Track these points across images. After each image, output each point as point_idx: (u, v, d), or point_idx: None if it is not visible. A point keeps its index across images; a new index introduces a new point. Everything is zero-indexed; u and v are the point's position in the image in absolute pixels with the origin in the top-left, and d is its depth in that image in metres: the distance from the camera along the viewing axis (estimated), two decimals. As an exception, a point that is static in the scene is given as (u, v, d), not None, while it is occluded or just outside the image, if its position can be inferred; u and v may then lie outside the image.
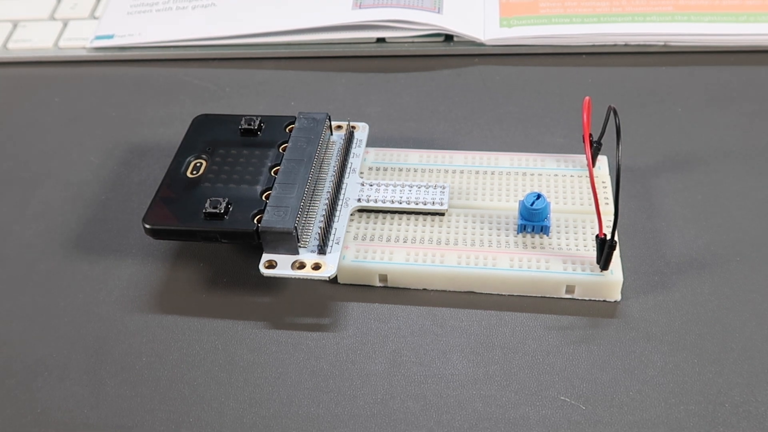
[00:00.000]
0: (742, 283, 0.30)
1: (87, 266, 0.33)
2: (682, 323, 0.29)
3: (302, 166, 0.32)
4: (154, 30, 0.45)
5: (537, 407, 0.27)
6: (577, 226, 0.31)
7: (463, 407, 0.27)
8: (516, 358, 0.28)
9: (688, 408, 0.26)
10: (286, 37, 0.44)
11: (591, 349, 0.28)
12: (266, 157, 0.33)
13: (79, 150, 0.39)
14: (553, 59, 0.42)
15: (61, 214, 0.35)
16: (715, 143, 0.36)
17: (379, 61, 0.43)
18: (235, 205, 0.31)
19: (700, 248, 0.31)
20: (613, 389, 0.27)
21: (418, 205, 0.32)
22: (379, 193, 0.32)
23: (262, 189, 0.31)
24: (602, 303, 0.30)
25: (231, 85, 0.43)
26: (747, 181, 0.34)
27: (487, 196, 0.33)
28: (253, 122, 0.34)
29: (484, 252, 0.30)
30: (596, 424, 0.26)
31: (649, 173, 0.35)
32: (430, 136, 0.38)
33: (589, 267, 0.29)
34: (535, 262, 0.30)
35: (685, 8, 0.43)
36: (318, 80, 0.43)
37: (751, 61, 0.41)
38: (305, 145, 0.33)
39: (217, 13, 0.45)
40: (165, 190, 0.32)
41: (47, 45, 0.46)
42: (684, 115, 0.38)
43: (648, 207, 0.33)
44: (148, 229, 0.30)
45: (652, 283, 0.30)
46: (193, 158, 0.33)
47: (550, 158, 0.34)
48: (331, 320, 0.30)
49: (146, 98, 0.42)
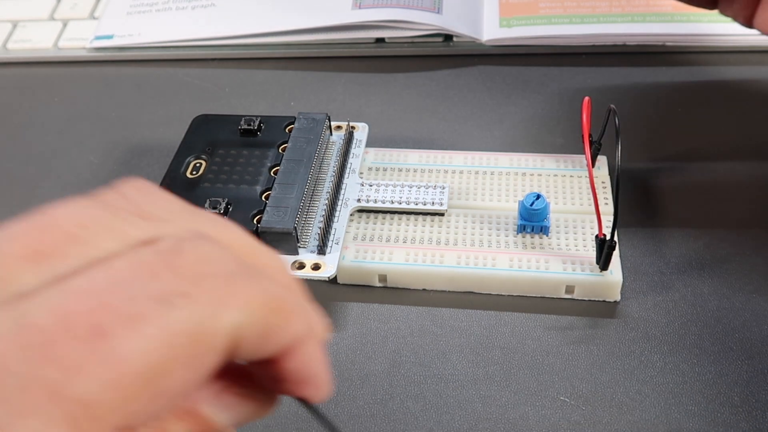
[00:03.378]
0: (742, 283, 0.30)
1: (87, 266, 0.33)
2: (681, 323, 0.29)
3: (302, 167, 0.32)
4: (154, 30, 0.45)
5: (537, 407, 0.27)
6: (577, 227, 0.31)
7: (462, 407, 0.27)
8: (515, 359, 0.28)
9: (687, 408, 0.26)
10: (286, 38, 0.44)
11: (590, 349, 0.28)
12: (266, 158, 0.33)
13: (78, 150, 0.39)
14: (553, 59, 0.42)
15: (60, 214, 0.35)
16: (715, 143, 0.36)
17: (379, 61, 0.43)
18: (234, 205, 0.31)
19: (700, 248, 0.31)
20: (613, 389, 0.27)
21: (417, 205, 0.32)
22: (378, 194, 0.32)
23: (261, 189, 0.31)
24: (602, 303, 0.30)
25: (231, 86, 0.43)
26: (747, 181, 0.34)
27: (487, 196, 0.33)
28: (252, 122, 0.34)
29: (484, 252, 0.30)
30: (596, 425, 0.26)
31: (649, 173, 0.35)
32: (429, 137, 0.38)
33: (588, 267, 0.29)
34: (534, 262, 0.30)
35: (685, 9, 0.43)
36: (318, 80, 0.43)
37: (751, 61, 0.41)
38: (305, 146, 0.33)
39: (216, 13, 0.45)
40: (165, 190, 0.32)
41: (47, 45, 0.46)
42: (684, 115, 0.38)
43: (648, 207, 0.33)
44: None
45: (652, 284, 0.30)
46: (192, 158, 0.33)
47: (549, 158, 0.34)
48: (331, 321, 0.30)
49: (146, 98, 0.42)
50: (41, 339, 0.13)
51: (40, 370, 0.13)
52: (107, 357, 0.14)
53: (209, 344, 0.15)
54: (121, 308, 0.14)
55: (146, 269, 0.15)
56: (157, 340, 0.14)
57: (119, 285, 0.14)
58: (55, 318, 0.14)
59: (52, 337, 0.13)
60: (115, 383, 0.14)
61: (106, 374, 0.13)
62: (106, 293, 0.14)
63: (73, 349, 0.13)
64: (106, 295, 0.14)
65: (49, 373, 0.13)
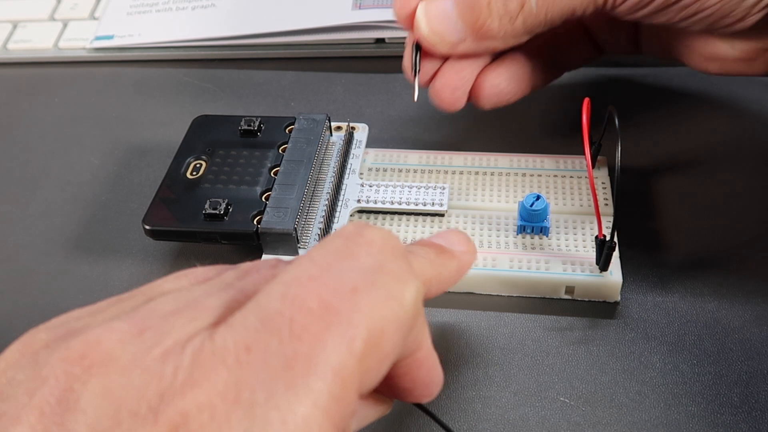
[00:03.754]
0: (741, 283, 0.30)
1: (87, 267, 0.33)
2: (681, 324, 0.29)
3: (302, 167, 0.32)
4: (154, 30, 0.45)
5: (536, 408, 0.27)
6: (577, 227, 0.31)
7: (462, 408, 0.27)
8: (515, 359, 0.28)
9: (687, 409, 0.26)
10: (286, 38, 0.44)
11: (590, 350, 0.28)
12: (266, 158, 0.33)
13: (79, 150, 0.39)
14: (553, 60, 0.42)
15: (61, 214, 0.35)
16: (715, 143, 0.36)
17: (379, 61, 0.43)
18: (234, 206, 0.31)
19: (700, 248, 0.31)
20: (613, 390, 0.27)
21: (417, 206, 0.32)
22: (378, 194, 0.32)
23: (261, 190, 0.31)
24: (602, 304, 0.30)
25: (231, 86, 0.43)
26: (747, 180, 0.34)
27: (486, 196, 0.33)
28: (252, 123, 0.34)
29: (484, 253, 0.30)
30: (596, 425, 0.26)
31: (649, 173, 0.35)
32: (429, 137, 0.38)
33: (588, 268, 0.29)
34: (534, 263, 0.30)
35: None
36: (318, 81, 0.43)
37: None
38: (305, 146, 0.33)
39: (217, 13, 0.45)
40: (165, 190, 0.32)
41: (47, 45, 0.46)
42: (684, 115, 0.38)
43: (648, 207, 0.33)
44: (148, 230, 0.30)
45: (652, 284, 0.30)
46: (192, 159, 0.33)
47: (549, 159, 0.34)
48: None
49: (146, 99, 0.42)
50: (281, 321, 0.15)
51: (290, 345, 0.15)
52: (342, 326, 0.15)
53: (410, 307, 0.17)
54: (341, 283, 0.16)
55: (343, 252, 0.17)
56: (379, 306, 0.16)
57: (327, 268, 0.17)
58: (285, 301, 0.16)
59: (291, 316, 0.15)
60: (353, 349, 0.15)
61: (346, 343, 0.15)
62: (321, 276, 0.16)
63: (312, 323, 0.15)
64: (321, 277, 0.16)
65: (299, 347, 0.15)
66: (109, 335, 0.16)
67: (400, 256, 0.18)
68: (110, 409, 0.14)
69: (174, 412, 0.14)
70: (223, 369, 0.15)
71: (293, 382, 0.15)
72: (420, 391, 0.20)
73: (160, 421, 0.14)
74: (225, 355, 0.15)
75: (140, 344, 0.15)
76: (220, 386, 0.14)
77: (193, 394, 0.14)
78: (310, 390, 0.15)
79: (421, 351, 0.19)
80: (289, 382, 0.15)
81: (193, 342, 0.15)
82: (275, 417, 0.14)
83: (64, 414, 0.14)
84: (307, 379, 0.15)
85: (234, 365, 0.15)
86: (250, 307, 0.16)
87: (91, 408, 0.14)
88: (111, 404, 0.14)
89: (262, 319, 0.15)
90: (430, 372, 0.20)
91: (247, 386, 0.14)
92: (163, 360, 0.15)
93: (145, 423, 0.14)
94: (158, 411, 0.14)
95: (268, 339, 0.15)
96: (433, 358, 0.20)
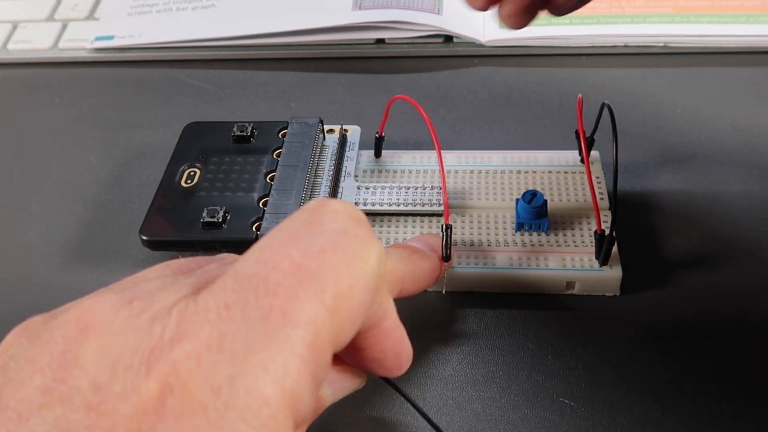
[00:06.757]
0: (741, 277, 0.30)
1: (87, 268, 0.33)
2: (681, 319, 0.29)
3: (298, 172, 0.32)
4: (154, 31, 0.45)
5: (536, 408, 0.27)
6: (575, 222, 0.31)
7: (462, 408, 0.27)
8: (515, 359, 0.28)
9: (688, 405, 0.26)
10: (286, 39, 0.44)
11: (590, 349, 0.28)
12: (261, 164, 0.33)
13: (79, 151, 0.39)
14: (553, 60, 0.42)
15: (60, 216, 0.35)
16: (714, 143, 0.36)
17: (379, 62, 0.43)
18: (232, 213, 0.30)
19: (698, 244, 0.31)
20: (612, 389, 0.27)
21: (415, 206, 0.32)
22: (375, 196, 0.32)
23: (258, 196, 0.31)
24: (602, 299, 0.30)
25: (231, 87, 0.43)
26: (746, 180, 0.34)
27: (483, 195, 0.33)
28: (245, 129, 0.34)
29: (483, 251, 0.30)
30: (595, 426, 0.26)
31: (648, 173, 0.35)
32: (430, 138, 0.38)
33: (588, 263, 0.29)
34: (534, 259, 0.30)
35: (685, 9, 0.43)
36: (318, 81, 0.43)
37: (751, 62, 0.41)
38: (300, 151, 0.33)
39: (217, 14, 0.45)
40: (160, 200, 0.31)
41: (47, 46, 0.46)
42: (684, 116, 0.38)
43: (647, 205, 0.33)
44: (145, 240, 0.30)
45: (651, 279, 0.30)
46: (186, 167, 0.33)
47: (542, 155, 0.34)
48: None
49: (146, 99, 0.42)
50: (257, 280, 0.17)
51: (265, 301, 0.16)
52: (313, 282, 0.17)
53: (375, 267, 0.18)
54: (310, 245, 0.17)
55: (309, 221, 0.18)
56: (345, 264, 0.17)
57: (295, 234, 0.18)
58: (259, 264, 0.17)
59: (266, 275, 0.17)
60: (324, 301, 0.17)
61: (318, 296, 0.17)
62: (290, 240, 0.17)
63: (284, 279, 0.17)
64: (290, 241, 0.17)
65: (274, 302, 0.16)
66: (102, 303, 0.17)
67: (363, 223, 0.19)
68: (107, 365, 0.16)
69: (165, 362, 0.16)
70: (206, 324, 0.16)
71: (271, 332, 0.16)
72: (390, 362, 0.21)
73: (153, 371, 0.16)
74: (207, 313, 0.16)
75: (130, 310, 0.17)
76: (205, 338, 0.16)
77: (181, 346, 0.16)
78: (287, 338, 0.16)
79: (388, 320, 0.20)
80: (268, 332, 0.16)
81: (178, 305, 0.17)
82: (257, 362, 0.16)
83: (66, 371, 0.16)
84: (285, 329, 0.16)
85: (216, 320, 0.16)
86: (227, 273, 0.17)
87: (89, 364, 0.16)
88: (107, 360, 0.16)
89: (239, 281, 0.17)
90: (399, 343, 0.21)
91: (229, 337, 0.16)
92: (151, 322, 0.16)
93: (138, 374, 0.16)
94: (150, 363, 0.16)
95: (246, 297, 0.16)
96: (401, 330, 0.21)
